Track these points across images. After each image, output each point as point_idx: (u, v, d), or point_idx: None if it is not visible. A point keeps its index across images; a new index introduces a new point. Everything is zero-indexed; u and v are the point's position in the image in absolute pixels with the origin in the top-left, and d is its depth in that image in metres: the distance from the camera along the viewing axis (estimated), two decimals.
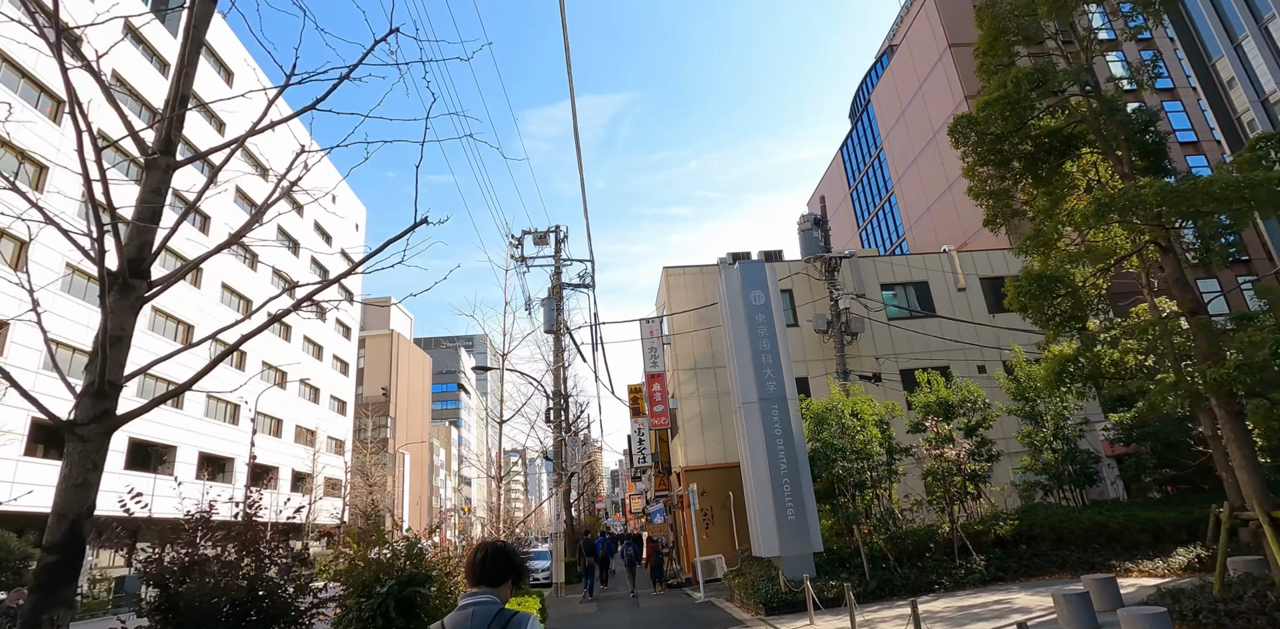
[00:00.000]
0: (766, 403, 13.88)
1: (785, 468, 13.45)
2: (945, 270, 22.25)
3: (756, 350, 14.28)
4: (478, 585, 2.42)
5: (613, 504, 65.85)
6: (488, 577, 2.43)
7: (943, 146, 34.42)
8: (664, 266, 21.44)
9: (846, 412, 14.00)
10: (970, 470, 14.14)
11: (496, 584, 2.44)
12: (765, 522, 13.29)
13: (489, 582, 2.43)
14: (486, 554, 2.46)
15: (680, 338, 20.75)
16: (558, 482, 20.51)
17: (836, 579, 12.59)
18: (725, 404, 20.18)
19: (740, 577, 14.27)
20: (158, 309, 32.63)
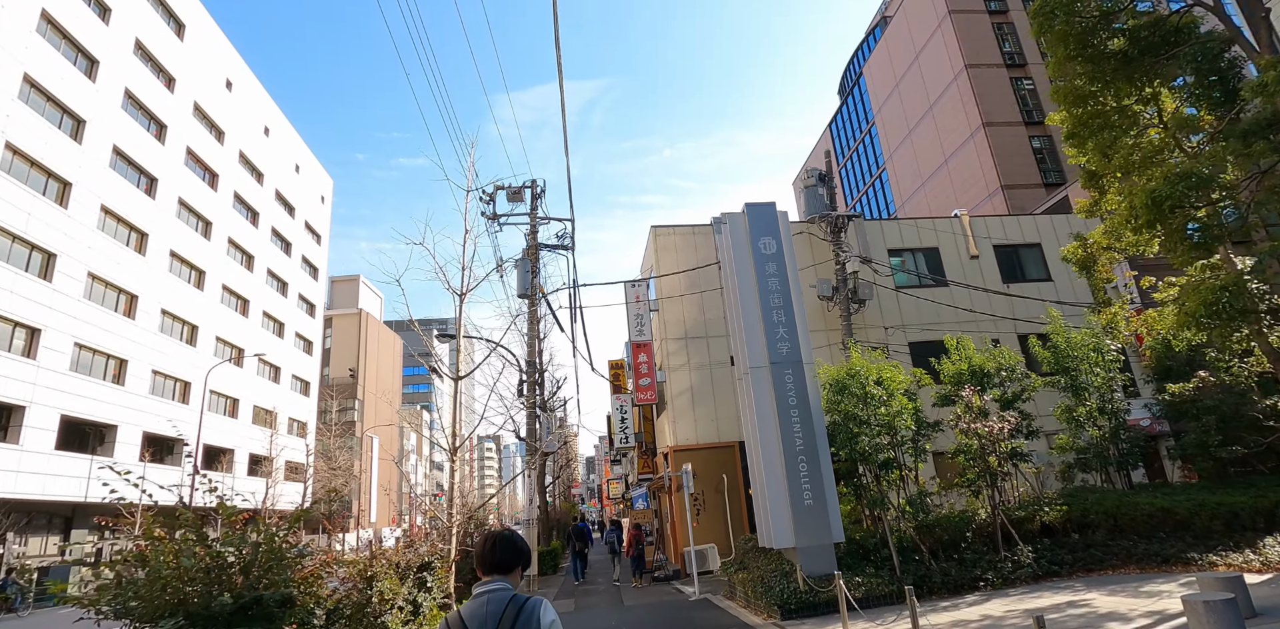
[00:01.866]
0: (779, 368, 11.55)
1: (801, 444, 11.14)
2: (957, 236, 20.11)
3: (767, 307, 11.93)
4: (489, 574, 2.48)
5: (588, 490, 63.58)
6: (498, 565, 2.48)
7: (940, 118, 32.37)
8: (652, 226, 19.04)
9: (870, 379, 11.72)
10: (1010, 448, 11.96)
11: (507, 572, 2.49)
12: (777, 507, 10.99)
13: (500, 570, 2.48)
14: (495, 543, 2.51)
15: (669, 304, 18.34)
16: (530, 464, 18.03)
17: (862, 574, 10.34)
18: (719, 377, 17.85)
19: (743, 571, 11.98)
20: (96, 276, 29.33)
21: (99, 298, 29.75)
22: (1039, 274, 20.10)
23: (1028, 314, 19.08)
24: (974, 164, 30.14)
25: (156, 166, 32.99)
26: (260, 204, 41.46)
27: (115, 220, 30.74)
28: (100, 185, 29.43)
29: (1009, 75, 30.73)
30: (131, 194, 31.35)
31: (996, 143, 29.32)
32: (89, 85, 29.31)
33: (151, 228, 32.43)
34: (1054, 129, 30.28)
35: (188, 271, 35.42)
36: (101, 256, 29.28)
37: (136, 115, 32.39)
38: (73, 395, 27.49)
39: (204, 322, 35.92)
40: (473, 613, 2.35)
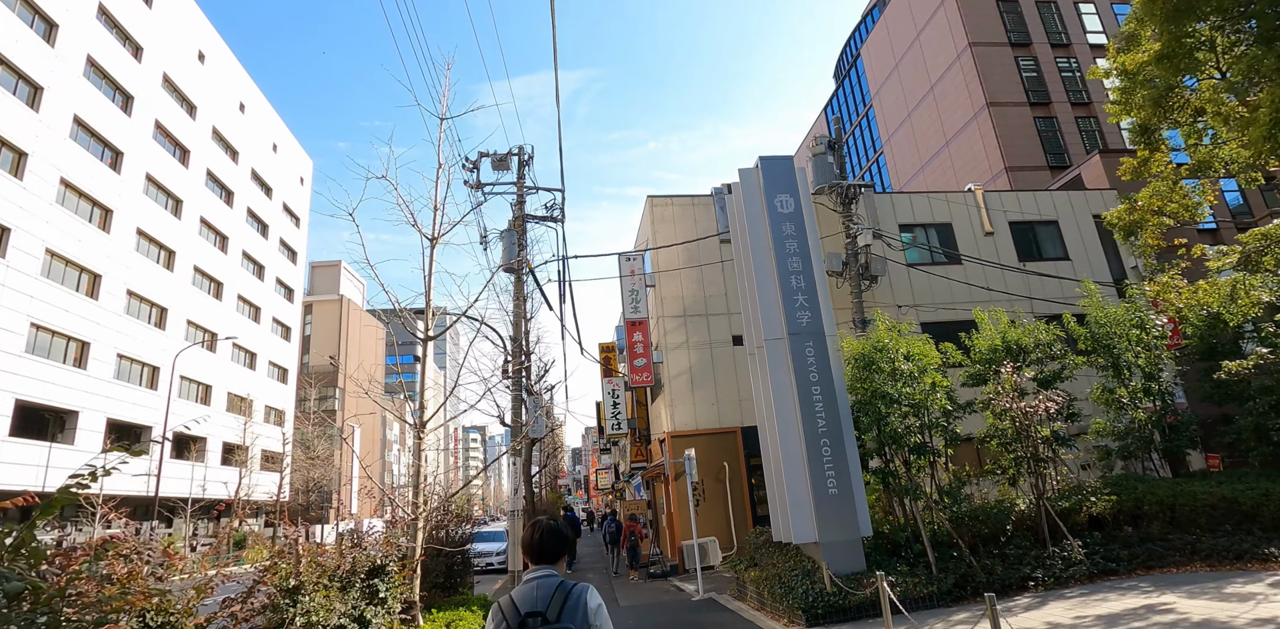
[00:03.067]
0: (798, 340, 10.08)
1: (824, 425, 9.69)
2: (971, 211, 18.75)
3: (784, 271, 10.44)
4: (538, 563, 2.61)
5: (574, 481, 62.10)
6: (546, 554, 2.60)
7: (941, 99, 31.03)
8: (648, 196, 17.47)
9: (899, 353, 10.29)
10: (1051, 431, 10.60)
11: (554, 560, 2.61)
12: (796, 496, 9.54)
13: (548, 559, 2.60)
14: (543, 534, 2.61)
15: (667, 279, 16.82)
16: (516, 450, 16.47)
17: (894, 573, 8.92)
18: (720, 357, 16.39)
19: (755, 568, 10.53)
20: (55, 253, 27.27)
21: (58, 276, 27.69)
22: (1056, 253, 18.80)
23: (1045, 293, 17.78)
24: (977, 146, 28.83)
25: (122, 139, 30.87)
26: (235, 183, 39.33)
27: (76, 194, 28.64)
28: (60, 157, 27.34)
29: (1013, 54, 29.43)
30: (94, 167, 29.25)
31: (1001, 123, 28.03)
32: (48, 50, 27.18)
33: (116, 204, 30.35)
34: (1060, 109, 29.10)
35: (156, 251, 33.34)
36: (60, 232, 27.22)
37: (100, 84, 30.24)
38: (28, 379, 25.49)
39: (174, 304, 33.89)
40: (524, 597, 2.50)
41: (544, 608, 2.43)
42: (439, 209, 6.99)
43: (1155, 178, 11.78)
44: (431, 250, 6.96)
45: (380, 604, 4.70)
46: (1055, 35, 30.14)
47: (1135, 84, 11.56)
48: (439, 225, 6.91)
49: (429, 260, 6.84)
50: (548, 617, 2.43)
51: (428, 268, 6.82)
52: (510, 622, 2.46)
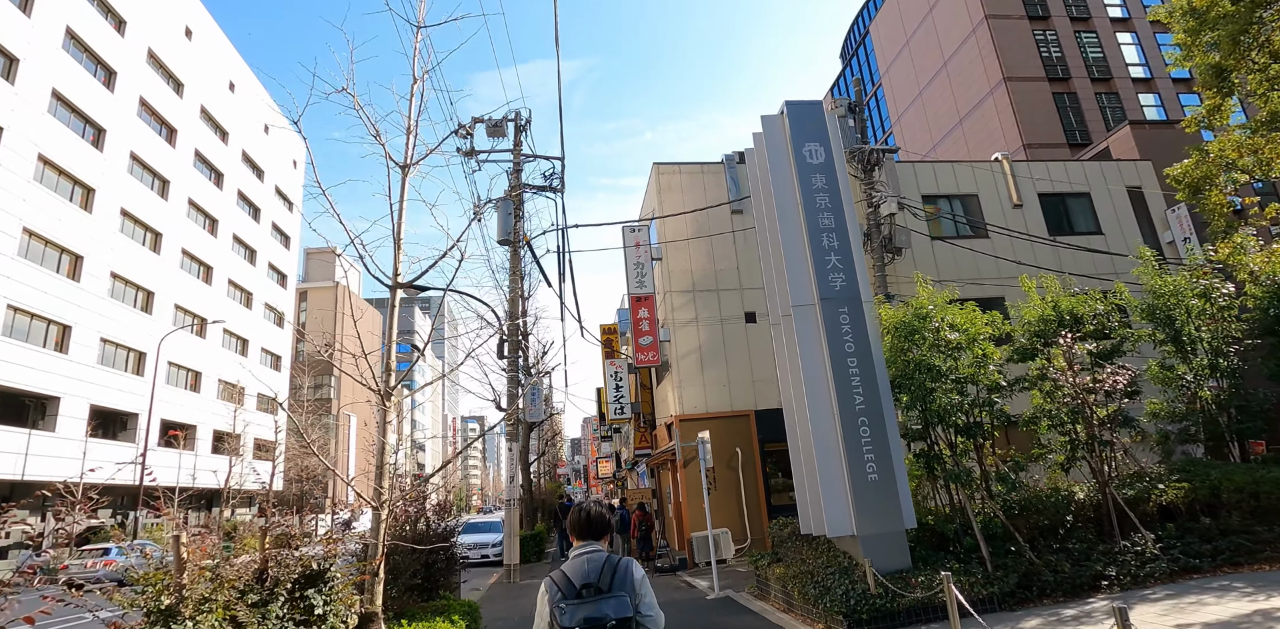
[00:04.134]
0: (831, 306, 8.75)
1: (862, 402, 8.37)
2: (998, 182, 17.40)
3: (814, 229, 9.10)
4: (584, 540, 2.84)
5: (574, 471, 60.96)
6: (593, 533, 2.85)
7: (955, 75, 29.59)
8: (655, 163, 16.12)
9: (944, 322, 8.99)
10: (1111, 411, 9.31)
11: (599, 537, 2.86)
12: (830, 483, 8.25)
13: (595, 537, 2.85)
14: (589, 516, 2.87)
15: (675, 252, 15.47)
16: (513, 435, 15.20)
17: (944, 570, 7.62)
18: (732, 335, 15.07)
19: (779, 564, 9.24)
20: (34, 233, 25.85)
21: (36, 257, 26.27)
22: (1088, 226, 17.48)
23: (1077, 269, 16.46)
24: (993, 123, 27.43)
25: (104, 116, 29.37)
26: (225, 164, 37.84)
27: (56, 172, 27.18)
28: (38, 133, 25.86)
29: (1031, 28, 27.99)
30: (75, 144, 27.76)
31: (1019, 99, 26.61)
32: (22, 19, 25.64)
33: (99, 183, 28.88)
34: (1080, 85, 27.67)
35: (142, 233, 31.90)
36: (39, 211, 25.79)
37: (81, 58, 28.71)
38: (6, 363, 24.13)
39: (161, 288, 32.49)
40: (576, 570, 2.69)
41: (596, 580, 2.63)
42: (412, 131, 5.64)
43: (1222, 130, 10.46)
44: (403, 180, 5.62)
45: (317, 624, 3.42)
46: (1075, 8, 28.69)
47: (1204, 24, 10.20)
48: (412, 149, 5.58)
49: (401, 188, 5.50)
50: (600, 587, 2.62)
51: (398, 202, 5.48)
52: (565, 592, 2.63)
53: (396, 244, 5.38)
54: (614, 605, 2.55)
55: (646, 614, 2.65)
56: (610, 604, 2.56)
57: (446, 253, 5.39)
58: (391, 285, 5.43)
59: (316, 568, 3.58)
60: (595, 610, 2.54)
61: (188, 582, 2.83)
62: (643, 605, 2.65)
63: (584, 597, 2.59)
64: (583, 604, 2.57)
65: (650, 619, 2.67)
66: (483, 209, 16.28)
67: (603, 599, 2.58)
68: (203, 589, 2.90)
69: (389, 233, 5.56)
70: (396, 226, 5.44)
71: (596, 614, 2.53)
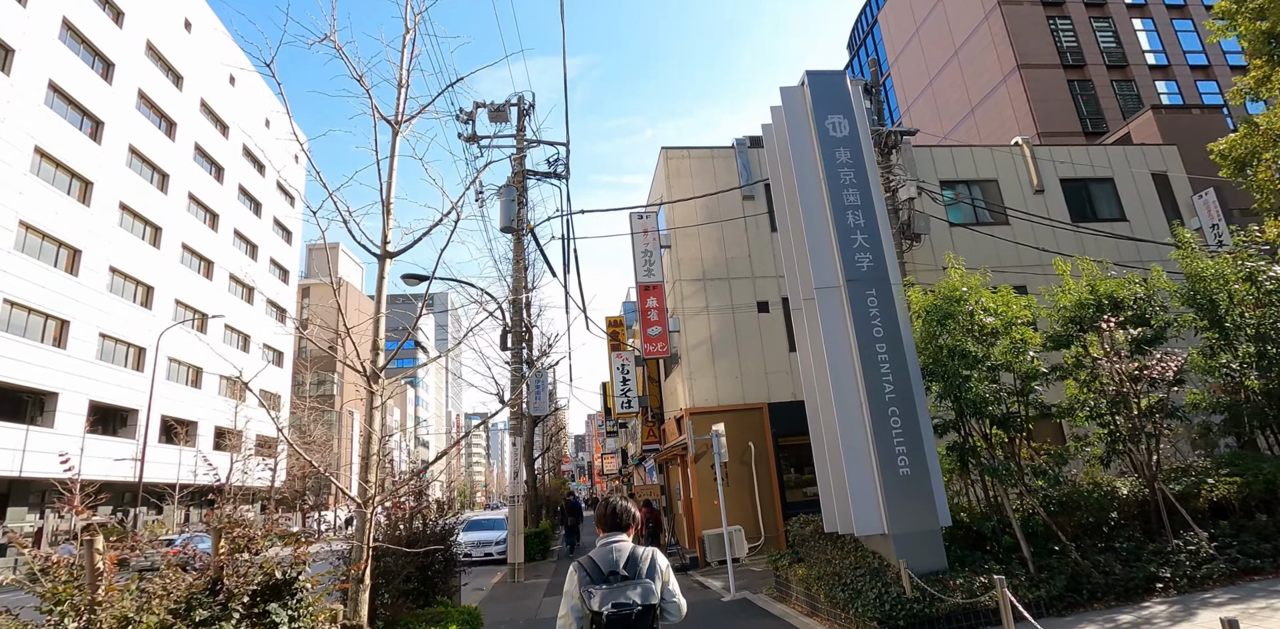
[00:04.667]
0: (858, 287, 8.11)
1: (892, 391, 7.74)
2: (1018, 166, 16.73)
3: (839, 206, 8.46)
4: (610, 532, 3.00)
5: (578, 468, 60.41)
6: (617, 524, 3.02)
7: (966, 63, 28.85)
8: (663, 147, 15.47)
9: (978, 306, 8.35)
10: (1154, 401, 8.66)
11: (624, 529, 3.02)
12: (858, 479, 7.62)
13: (619, 528, 3.01)
14: (614, 510, 3.05)
15: (684, 240, 14.84)
16: (516, 429, 14.59)
17: (983, 572, 7.00)
18: (744, 325, 14.43)
19: (801, 564, 8.62)
20: (30, 227, 25.32)
21: (34, 250, 25.74)
22: (1111, 213, 16.79)
23: (1100, 255, 15.71)
24: (1006, 111, 26.71)
25: (102, 108, 28.81)
26: (226, 159, 37.30)
27: (53, 165, 26.64)
28: (34, 125, 25.31)
29: (1045, 14, 27.24)
30: (72, 137, 27.21)
31: (1033, 87, 25.88)
32: (19, 9, 25.07)
33: (97, 176, 28.33)
34: (1095, 72, 26.92)
35: (141, 227, 31.36)
36: (36, 204, 25.24)
37: (78, 49, 28.14)
38: (3, 358, 23.61)
39: (161, 282, 31.96)
40: (603, 559, 2.86)
41: (621, 567, 2.80)
42: (404, 85, 5.02)
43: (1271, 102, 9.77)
44: (394, 139, 5.00)
45: None
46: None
47: None
48: (404, 103, 4.95)
49: (392, 148, 4.88)
50: (625, 574, 2.78)
51: (389, 162, 4.86)
52: (594, 577, 2.79)
53: (385, 209, 4.77)
54: (640, 592, 2.70)
55: (671, 600, 2.81)
56: (637, 591, 2.70)
57: (443, 218, 4.77)
58: (380, 254, 4.82)
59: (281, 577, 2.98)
60: (623, 596, 2.68)
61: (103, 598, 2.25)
62: (666, 592, 2.81)
63: (611, 582, 2.74)
64: (611, 590, 2.72)
65: (674, 605, 2.83)
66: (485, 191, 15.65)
67: (629, 586, 2.72)
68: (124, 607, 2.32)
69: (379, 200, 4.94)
70: (386, 191, 4.82)
71: (624, 600, 2.68)
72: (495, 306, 15.63)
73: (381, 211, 4.78)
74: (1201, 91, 26.52)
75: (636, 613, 2.65)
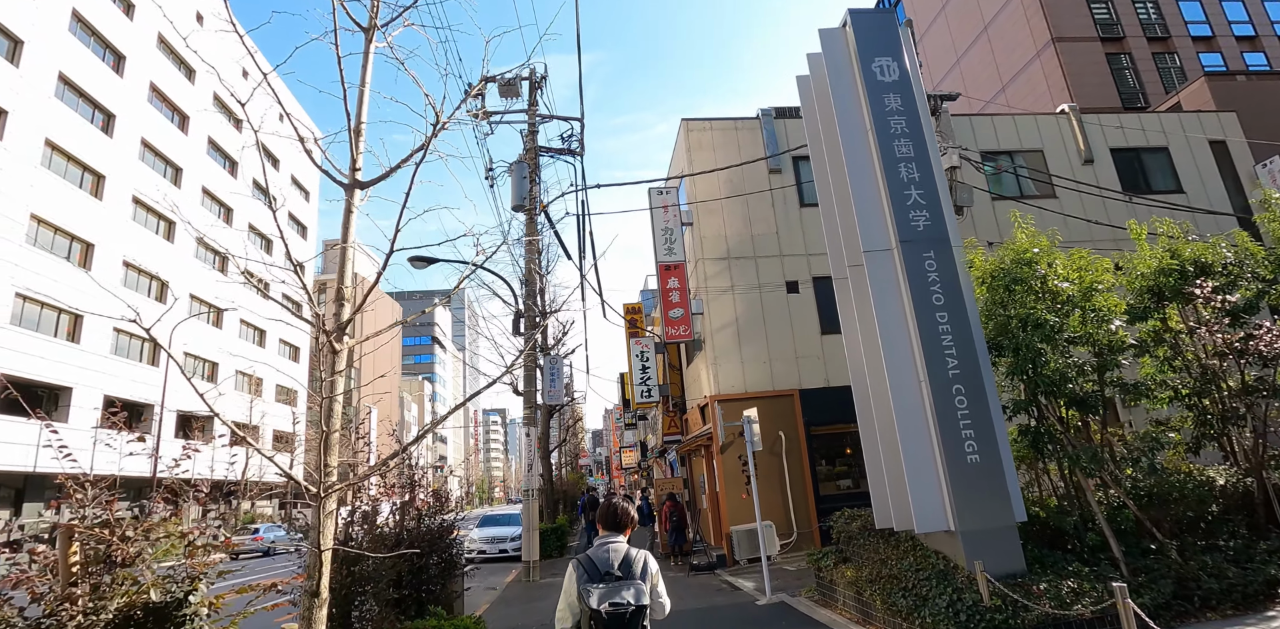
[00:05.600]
0: (914, 249, 7.04)
1: (956, 367, 6.67)
2: (1065, 137, 15.47)
3: (890, 158, 7.39)
4: (609, 531, 3.16)
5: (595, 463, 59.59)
6: (615, 524, 3.17)
7: (996, 39, 27.43)
8: (683, 119, 14.43)
9: (1050, 270, 7.25)
10: (1252, 380, 7.51)
11: (621, 529, 3.17)
12: (919, 468, 6.57)
13: (617, 528, 3.17)
14: (615, 510, 3.21)
15: (707, 216, 13.79)
16: (531, 419, 13.66)
17: (1067, 575, 5.93)
18: (772, 306, 13.37)
19: (848, 565, 7.58)
20: (42, 220, 24.86)
21: (46, 244, 25.30)
22: (1167, 184, 15.48)
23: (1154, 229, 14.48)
24: (1040, 87, 25.29)
25: (114, 101, 28.31)
26: (239, 152, 36.76)
27: (65, 158, 26.15)
28: (45, 117, 24.83)
29: None
30: (83, 130, 26.71)
31: (1069, 61, 24.44)
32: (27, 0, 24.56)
33: (109, 169, 27.84)
34: (1135, 45, 25.41)
35: (154, 221, 30.89)
36: (47, 197, 24.77)
37: (88, 41, 27.64)
38: (16, 352, 23.16)
39: (175, 277, 31.49)
40: (599, 558, 3.01)
41: (617, 567, 2.95)
42: None
43: None
44: (366, 46, 4.05)
45: None
46: None
47: None
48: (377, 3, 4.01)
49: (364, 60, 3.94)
50: (619, 574, 2.93)
51: (360, 72, 3.91)
52: (590, 575, 2.95)
53: (354, 132, 3.82)
54: (634, 592, 2.88)
55: (658, 601, 3.03)
56: (631, 591, 2.88)
57: (430, 140, 3.81)
58: (348, 183, 3.88)
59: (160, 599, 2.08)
60: (618, 596, 2.86)
61: None
62: (655, 592, 3.01)
63: (606, 581, 2.92)
64: (608, 589, 2.89)
65: (660, 605, 3.04)
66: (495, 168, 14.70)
67: (624, 585, 2.90)
68: None
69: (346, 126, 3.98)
70: (356, 113, 3.88)
71: (620, 599, 2.85)
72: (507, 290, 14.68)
73: (349, 134, 3.83)
74: (1249, 64, 24.92)
75: (630, 612, 2.82)
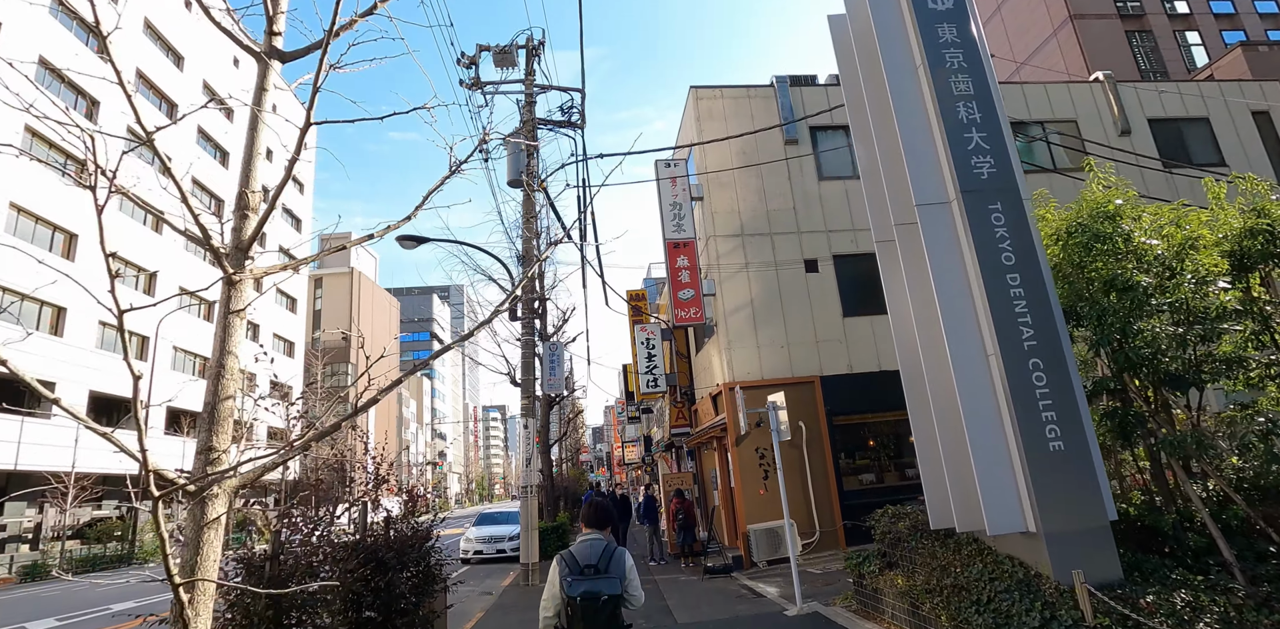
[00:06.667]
0: (977, 200, 5.94)
1: (1032, 337, 5.57)
2: (1100, 107, 14.36)
3: (946, 96, 6.28)
4: (590, 528, 3.47)
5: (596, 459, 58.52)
6: (596, 523, 3.49)
7: (1010, 18, 26.27)
8: (692, 87, 13.31)
9: (1136, 226, 6.16)
10: None
11: (602, 528, 3.48)
12: (987, 457, 5.47)
13: (597, 526, 3.48)
14: (596, 508, 3.54)
15: (718, 190, 12.68)
16: (529, 410, 12.55)
17: (1171, 583, 4.84)
18: (789, 287, 12.26)
19: (896, 572, 6.49)
20: (22, 209, 23.74)
21: (26, 234, 24.16)
22: (1208, 156, 14.38)
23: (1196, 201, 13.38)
24: (1057, 66, 24.14)
25: (96, 85, 27.10)
26: (230, 142, 35.58)
27: (46, 145, 24.98)
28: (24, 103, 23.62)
29: None
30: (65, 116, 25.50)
31: (1087, 39, 23.30)
32: None
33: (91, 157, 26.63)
34: (1155, 22, 24.30)
35: (141, 212, 29.68)
36: (28, 185, 23.64)
37: (68, 23, 26.45)
38: None
39: (163, 268, 30.31)
40: (581, 553, 3.30)
41: (596, 562, 3.25)
42: None
43: None
44: None
45: None
46: None
47: None
48: None
49: None
50: (599, 568, 3.23)
51: None
52: (572, 569, 3.24)
53: None
54: (607, 584, 3.17)
55: (633, 594, 3.29)
56: (605, 583, 3.18)
57: None
58: (261, 51, 2.79)
59: None
60: (593, 586, 3.16)
61: None
62: (630, 586, 3.28)
63: (586, 574, 3.21)
64: (584, 581, 3.18)
65: (634, 598, 3.31)
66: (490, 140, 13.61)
67: (600, 578, 3.19)
68: None
69: None
70: None
71: (594, 589, 3.15)
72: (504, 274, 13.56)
73: None
74: (1272, 39, 23.79)
75: (602, 601, 3.11)
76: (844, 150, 13.23)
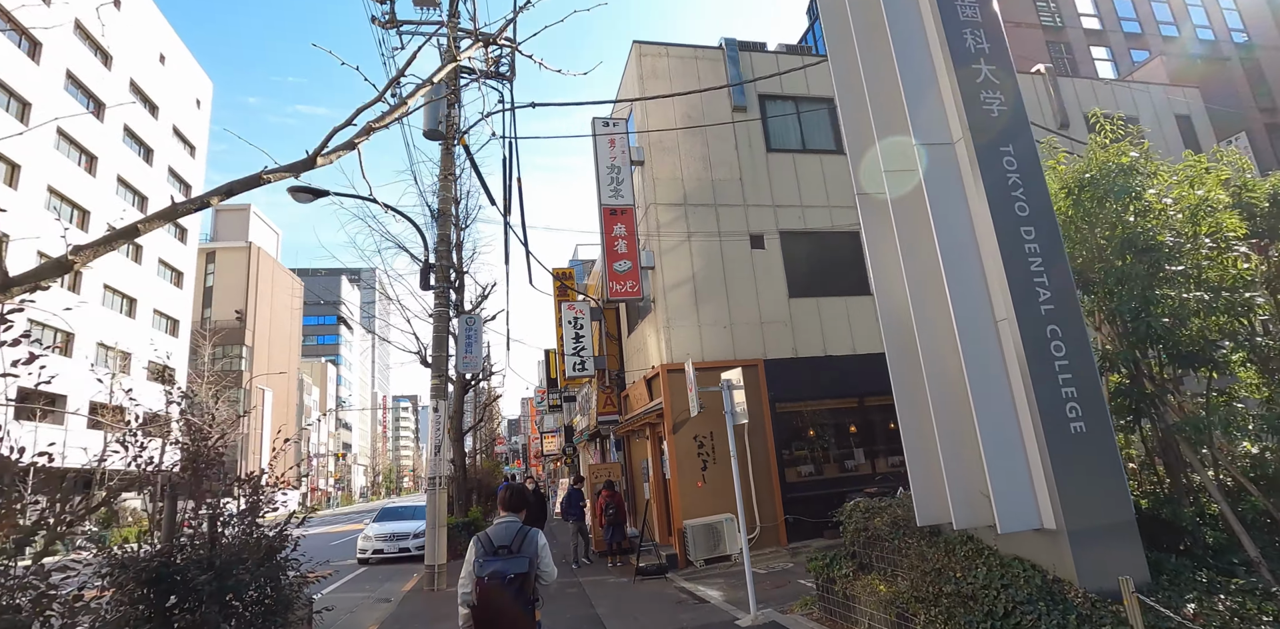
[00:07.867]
0: (988, 141, 5.01)
1: (1049, 300, 4.68)
2: (1040, 98, 14.16)
3: (951, 20, 5.35)
4: (506, 511, 3.71)
5: (511, 451, 56.37)
6: (512, 506, 3.73)
7: None
8: (635, 41, 12.03)
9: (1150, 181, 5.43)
10: None
11: (517, 510, 3.74)
12: (997, 442, 4.54)
13: (513, 509, 3.73)
14: (511, 492, 3.80)
15: (660, 154, 11.48)
16: (440, 391, 10.95)
17: (1200, 587, 4.06)
18: (733, 263, 11.23)
19: (873, 575, 5.50)
20: None
21: None
22: None
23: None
24: None
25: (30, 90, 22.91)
26: (107, 93, 31.27)
27: None
28: None
29: None
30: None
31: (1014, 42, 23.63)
32: None
33: None
34: (1073, 35, 24.99)
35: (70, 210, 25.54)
36: None
37: None
38: None
39: (20, 231, 26.10)
40: (496, 534, 3.54)
41: (509, 542, 3.47)
42: None
43: None
44: None
45: None
46: None
47: None
48: None
49: None
50: (512, 549, 3.45)
51: None
52: (485, 549, 3.46)
53: None
54: (515, 564, 3.39)
55: (544, 570, 3.50)
56: (512, 563, 3.39)
57: None
58: None
59: None
60: (502, 567, 3.36)
61: None
62: (542, 563, 3.50)
63: (499, 554, 3.42)
64: (495, 560, 3.40)
65: (546, 574, 3.52)
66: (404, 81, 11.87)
67: (510, 559, 3.40)
68: None
69: None
70: None
71: (502, 569, 3.36)
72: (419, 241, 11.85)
73: None
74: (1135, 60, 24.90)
75: (509, 579, 3.32)
76: (793, 121, 12.34)
